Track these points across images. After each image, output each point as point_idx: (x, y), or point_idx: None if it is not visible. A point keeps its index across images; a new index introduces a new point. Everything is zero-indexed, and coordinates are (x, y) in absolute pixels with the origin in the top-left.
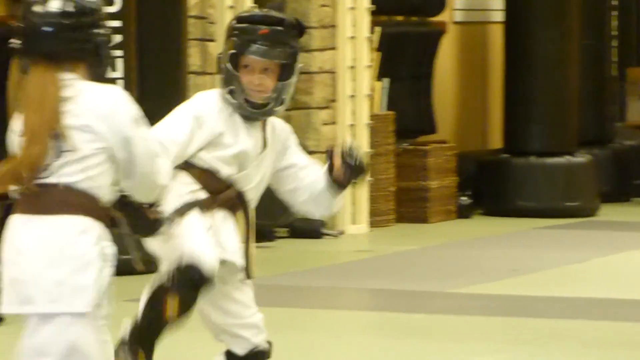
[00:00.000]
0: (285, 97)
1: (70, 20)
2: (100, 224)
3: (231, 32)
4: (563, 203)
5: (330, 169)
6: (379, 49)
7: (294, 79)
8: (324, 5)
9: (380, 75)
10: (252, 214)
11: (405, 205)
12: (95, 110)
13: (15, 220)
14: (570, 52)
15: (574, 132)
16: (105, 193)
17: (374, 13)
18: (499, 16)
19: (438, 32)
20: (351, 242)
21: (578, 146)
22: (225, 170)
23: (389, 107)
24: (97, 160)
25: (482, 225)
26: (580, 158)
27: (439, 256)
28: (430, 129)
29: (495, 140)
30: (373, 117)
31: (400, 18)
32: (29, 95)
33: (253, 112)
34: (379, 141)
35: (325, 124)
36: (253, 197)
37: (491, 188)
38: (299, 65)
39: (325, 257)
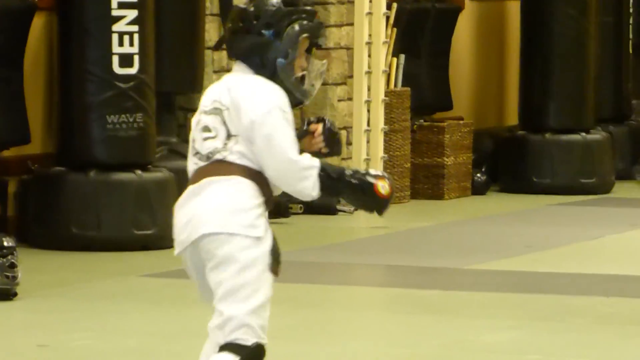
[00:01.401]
0: None
1: None
2: None
3: (290, 14)
4: (578, 180)
5: (300, 137)
6: (395, 25)
7: None
8: None
9: (396, 52)
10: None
11: (420, 182)
12: None
13: None
14: (588, 29)
15: (590, 109)
16: None
17: None
18: None
19: (455, 9)
20: (366, 219)
21: (594, 123)
22: None
23: (405, 84)
24: None
25: (498, 202)
26: (597, 135)
27: (453, 233)
28: (447, 105)
29: (512, 117)
30: (389, 93)
31: None
32: None
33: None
34: (395, 117)
35: (341, 100)
36: None
37: (507, 165)
38: None
39: (340, 233)
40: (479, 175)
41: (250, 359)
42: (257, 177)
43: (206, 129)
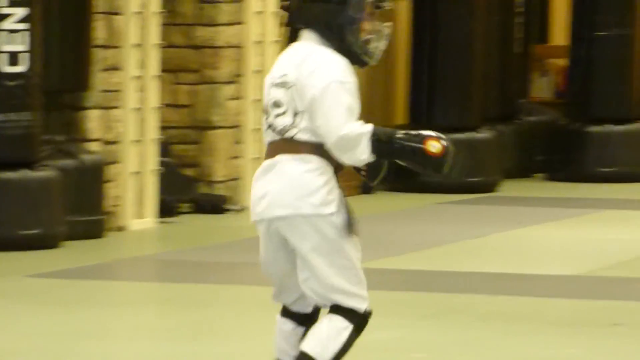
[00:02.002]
0: None
1: None
2: None
3: None
4: (465, 179)
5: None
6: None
7: None
8: None
9: None
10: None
11: None
12: None
13: None
14: (475, 29)
15: (478, 108)
16: None
17: None
18: None
19: None
20: None
21: (481, 122)
22: None
23: None
24: None
25: (386, 201)
26: (484, 134)
27: None
28: None
29: (400, 115)
30: None
31: None
32: None
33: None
34: None
35: (231, 99)
36: None
37: (394, 163)
38: None
39: (229, 232)
40: None
41: (362, 325)
42: (324, 150)
43: (277, 104)
